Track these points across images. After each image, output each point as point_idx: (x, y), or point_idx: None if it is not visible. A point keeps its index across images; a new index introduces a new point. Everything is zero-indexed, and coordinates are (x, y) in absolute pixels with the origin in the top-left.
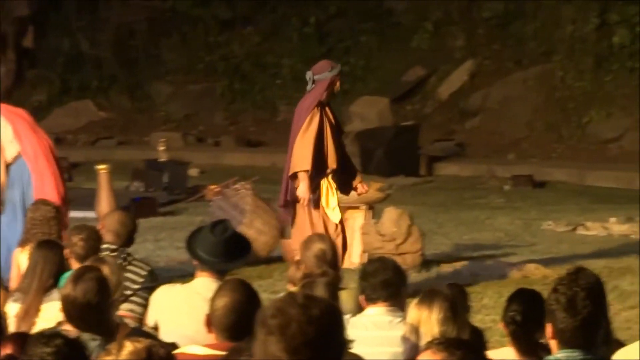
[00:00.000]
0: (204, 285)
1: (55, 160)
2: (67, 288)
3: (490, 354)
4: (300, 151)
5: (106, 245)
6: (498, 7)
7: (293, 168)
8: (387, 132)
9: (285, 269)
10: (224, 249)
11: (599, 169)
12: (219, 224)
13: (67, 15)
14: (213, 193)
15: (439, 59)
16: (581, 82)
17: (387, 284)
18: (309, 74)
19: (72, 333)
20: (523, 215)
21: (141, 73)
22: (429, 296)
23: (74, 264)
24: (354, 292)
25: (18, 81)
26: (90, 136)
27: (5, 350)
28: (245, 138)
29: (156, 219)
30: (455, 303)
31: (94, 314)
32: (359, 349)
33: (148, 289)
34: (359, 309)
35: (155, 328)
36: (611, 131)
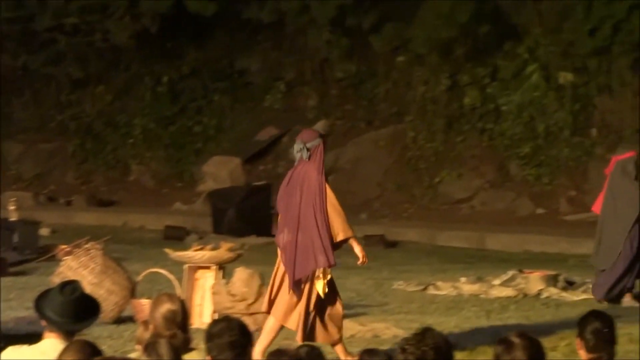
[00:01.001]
0: (52, 346)
1: None
2: None
3: None
4: (341, 219)
5: None
6: (350, 68)
7: (338, 237)
8: (239, 192)
9: (135, 329)
10: (73, 309)
11: (450, 229)
12: (68, 284)
13: None
14: (64, 253)
15: (292, 119)
16: (432, 143)
17: (234, 345)
18: (300, 144)
19: None
20: (374, 275)
21: None
22: (276, 355)
23: None
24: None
25: None
26: None
27: None
28: (97, 197)
29: (6, 279)
30: None
31: None
32: None
33: None
34: None
35: None
36: (462, 191)
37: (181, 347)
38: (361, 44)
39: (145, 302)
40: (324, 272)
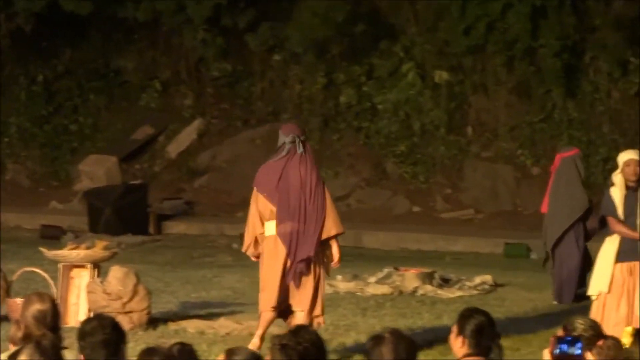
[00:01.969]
0: None
1: None
2: None
3: None
4: (335, 215)
5: None
6: (226, 67)
7: (331, 232)
8: (115, 191)
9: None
10: None
11: None
12: None
13: None
14: None
15: (168, 118)
16: (309, 142)
17: (107, 343)
18: (292, 136)
19: None
20: (251, 273)
21: None
22: (148, 354)
23: None
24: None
25: None
26: None
27: None
28: None
29: None
30: None
31: None
32: None
33: None
34: None
35: None
36: (338, 189)
37: (51, 348)
38: (237, 43)
39: (20, 302)
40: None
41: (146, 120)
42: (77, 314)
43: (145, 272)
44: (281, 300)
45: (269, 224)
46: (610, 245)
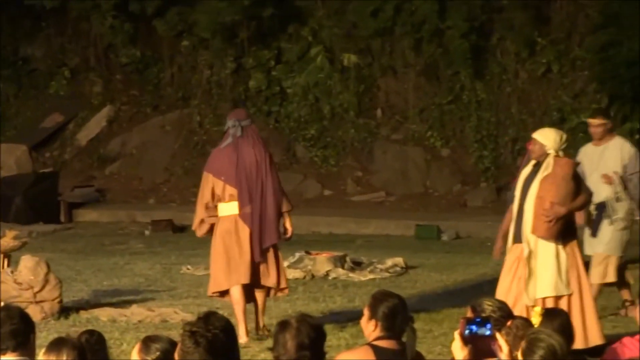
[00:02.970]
0: None
1: None
2: None
3: None
4: (284, 192)
5: None
6: (135, 53)
7: (283, 208)
8: (26, 180)
9: None
10: None
11: None
12: None
13: None
14: None
15: (78, 105)
16: (219, 127)
17: (15, 333)
18: (233, 121)
19: None
20: (162, 260)
21: None
22: (56, 344)
23: None
24: None
25: None
26: None
27: None
28: None
29: None
30: (84, 350)
31: None
32: None
33: None
34: None
35: None
36: None
37: None
38: (145, 29)
39: None
40: None
41: (55, 108)
42: None
43: (56, 261)
44: (250, 277)
45: (226, 205)
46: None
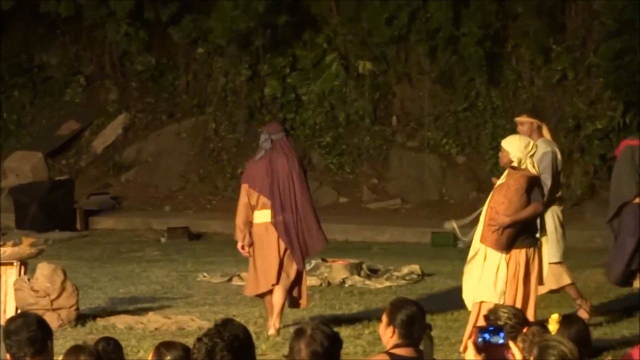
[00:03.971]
0: None
1: None
2: None
3: None
4: None
5: None
6: (150, 61)
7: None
8: (42, 187)
9: None
10: None
11: None
12: None
13: None
14: None
15: (93, 113)
16: (234, 134)
17: (33, 340)
18: (265, 134)
19: None
20: (179, 267)
21: None
22: (74, 352)
23: None
24: None
25: None
26: None
27: None
28: None
29: None
30: (101, 357)
31: None
32: None
33: None
34: None
35: None
36: None
37: None
38: (160, 37)
39: None
40: None
41: (71, 115)
42: (5, 312)
43: (73, 268)
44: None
45: (259, 212)
46: None
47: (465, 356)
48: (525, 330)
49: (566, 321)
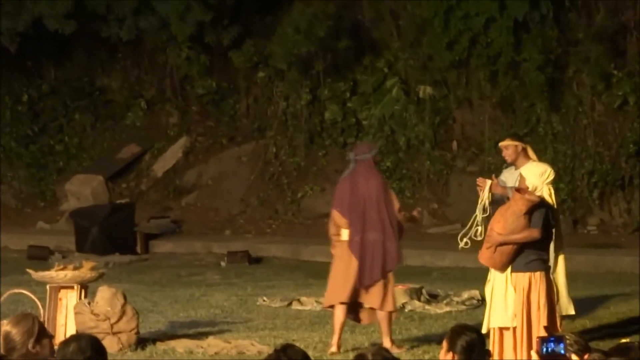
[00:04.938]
0: None
1: None
2: None
3: None
4: None
5: None
6: (211, 84)
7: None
8: (102, 210)
9: None
10: None
11: (314, 244)
12: None
13: None
14: None
15: (154, 136)
16: (294, 158)
17: None
18: (350, 155)
19: None
20: (239, 291)
21: None
22: None
23: None
24: None
25: None
26: None
27: None
28: None
29: None
30: None
31: None
32: None
33: None
34: None
35: None
36: (325, 206)
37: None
38: (221, 60)
39: (5, 323)
40: None
41: (132, 139)
42: (66, 335)
43: (133, 292)
44: (351, 297)
45: (344, 231)
46: None
47: None
48: (586, 356)
49: (621, 348)
